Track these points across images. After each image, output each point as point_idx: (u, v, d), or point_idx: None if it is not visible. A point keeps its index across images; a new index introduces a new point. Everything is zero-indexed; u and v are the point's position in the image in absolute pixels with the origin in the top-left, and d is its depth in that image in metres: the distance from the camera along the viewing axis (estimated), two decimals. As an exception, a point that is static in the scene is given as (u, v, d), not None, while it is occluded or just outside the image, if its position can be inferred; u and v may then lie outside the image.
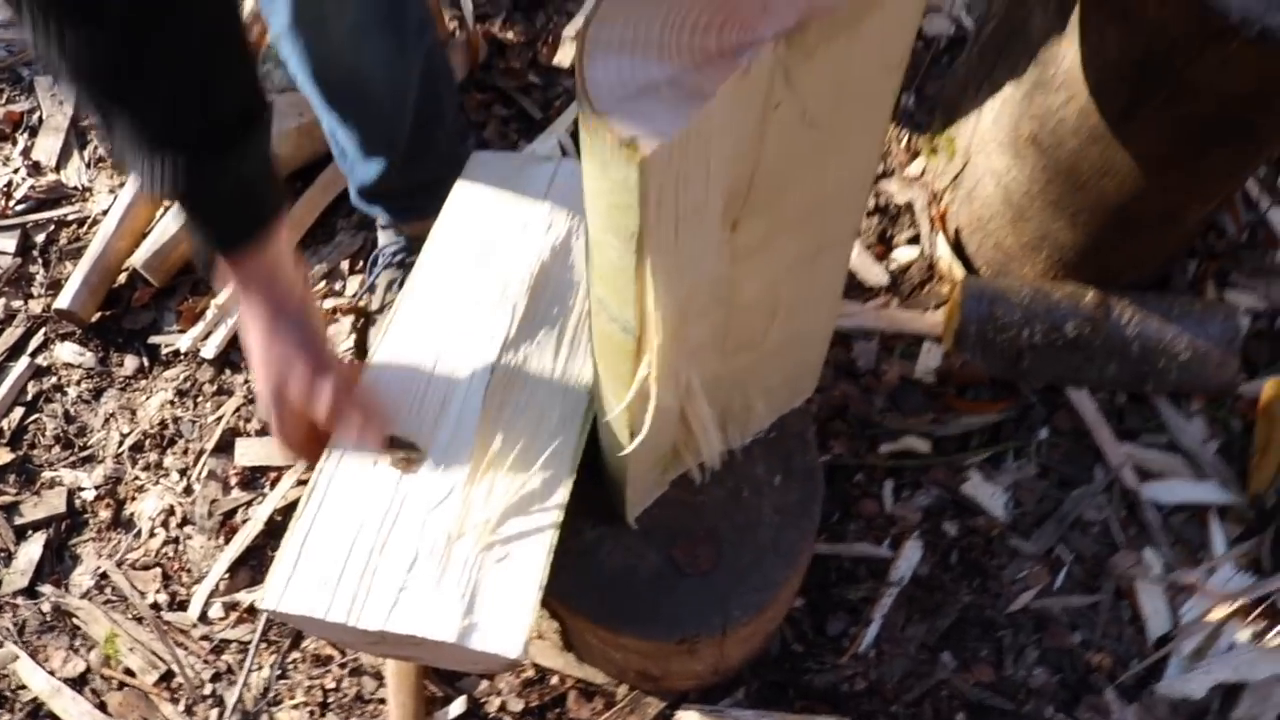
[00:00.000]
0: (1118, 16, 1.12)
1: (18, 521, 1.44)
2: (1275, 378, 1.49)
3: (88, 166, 1.74)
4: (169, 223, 1.60)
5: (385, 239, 1.53)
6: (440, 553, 0.94)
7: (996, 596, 1.39)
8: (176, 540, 1.42)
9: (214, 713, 1.32)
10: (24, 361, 1.56)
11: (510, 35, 1.85)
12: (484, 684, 1.33)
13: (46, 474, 1.48)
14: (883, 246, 1.64)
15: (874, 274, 1.61)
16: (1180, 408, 1.52)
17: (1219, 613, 1.37)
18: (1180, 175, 1.26)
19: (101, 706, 1.33)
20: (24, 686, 1.35)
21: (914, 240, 1.64)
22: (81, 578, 1.40)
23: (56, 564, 1.41)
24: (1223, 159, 1.22)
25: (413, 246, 1.50)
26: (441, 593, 0.92)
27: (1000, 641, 1.36)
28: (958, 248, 1.61)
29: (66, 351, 1.56)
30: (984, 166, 1.49)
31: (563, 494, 0.97)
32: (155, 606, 1.38)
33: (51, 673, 1.35)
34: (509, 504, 0.97)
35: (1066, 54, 1.23)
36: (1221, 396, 1.52)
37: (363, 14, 1.22)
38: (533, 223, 1.20)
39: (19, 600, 1.40)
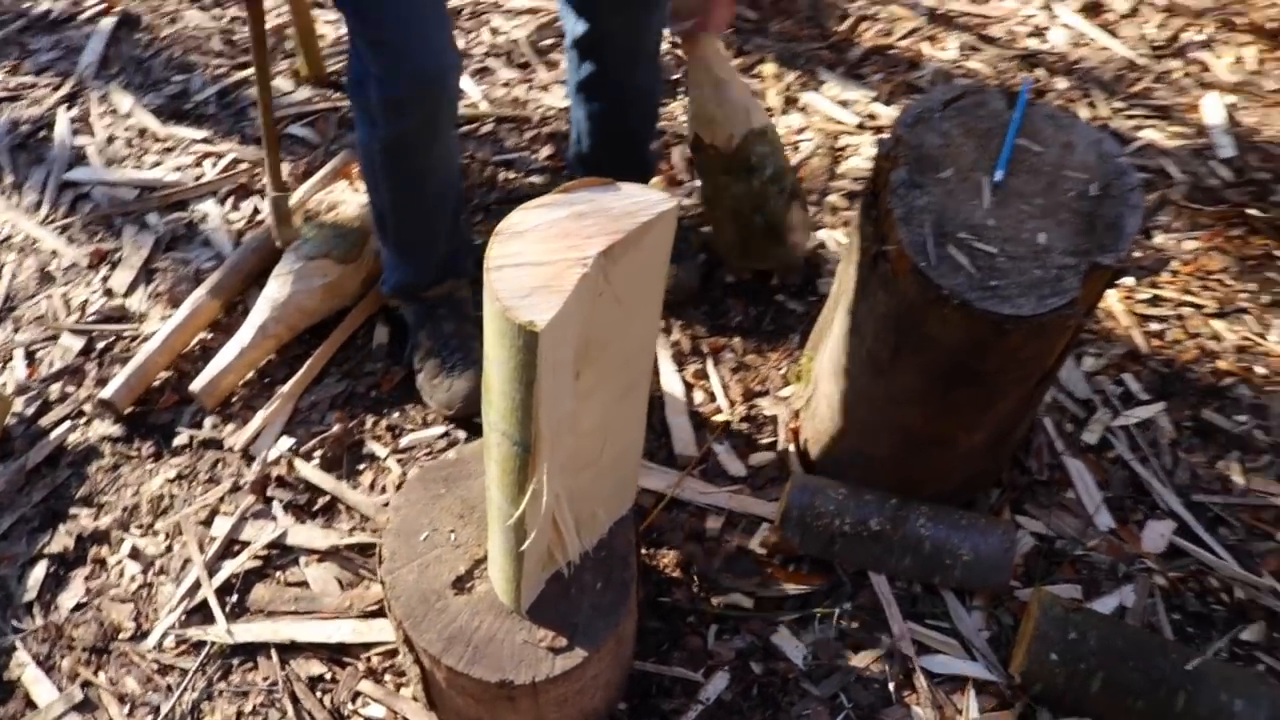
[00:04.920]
0: (884, 284, 1.59)
1: (35, 549, 1.84)
2: (1041, 586, 1.87)
3: (148, 298, 2.23)
4: (222, 357, 2.06)
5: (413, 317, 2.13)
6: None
7: (783, 726, 1.73)
8: (150, 585, 1.81)
9: (149, 717, 1.68)
10: (65, 426, 2.00)
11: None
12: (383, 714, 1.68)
13: (67, 517, 1.90)
14: (747, 448, 2.07)
15: (735, 468, 2.03)
16: (965, 602, 1.88)
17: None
18: (939, 407, 1.69)
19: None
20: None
21: (772, 446, 2.07)
22: (70, 600, 1.79)
23: (55, 587, 1.80)
24: (966, 397, 1.65)
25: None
26: None
27: (779, 762, 1.69)
28: (804, 455, 2.03)
29: (102, 429, 2.00)
30: (822, 391, 1.93)
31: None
32: (121, 631, 1.76)
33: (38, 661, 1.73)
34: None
35: (862, 308, 1.69)
36: (998, 596, 1.89)
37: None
38: None
39: (23, 612, 1.78)
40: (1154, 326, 2.36)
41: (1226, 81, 3.07)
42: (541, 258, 1.10)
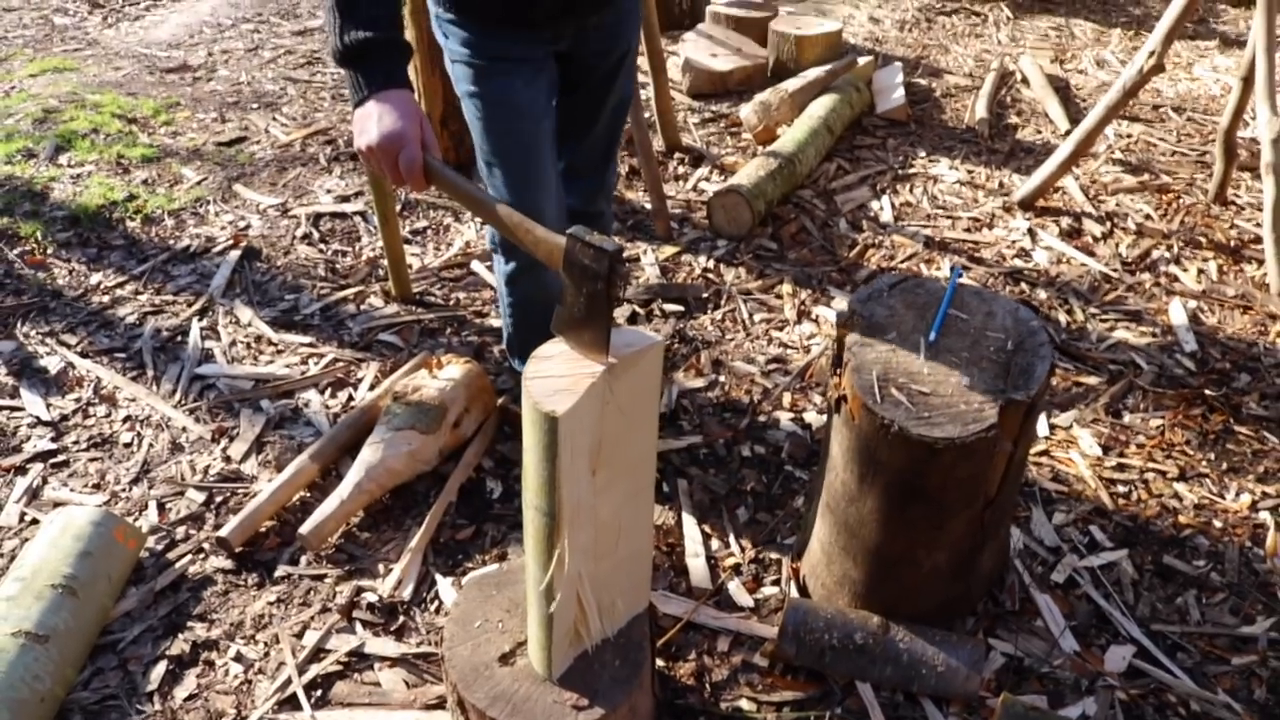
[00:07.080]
0: (845, 422, 1.99)
1: (157, 652, 2.23)
2: (1006, 695, 2.14)
3: (258, 465, 2.70)
4: (325, 508, 2.49)
5: None
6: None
7: (779, 808, 1.99)
8: (250, 682, 2.18)
9: (243, 786, 2.02)
10: (186, 559, 2.43)
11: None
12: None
13: (185, 628, 2.29)
14: (754, 584, 2.41)
15: (744, 599, 2.37)
16: (942, 710, 2.16)
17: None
18: (899, 525, 2.04)
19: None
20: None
21: (775, 583, 2.41)
22: (183, 692, 2.15)
23: (172, 682, 2.17)
24: (920, 514, 2.01)
25: None
26: None
27: (775, 838, 1.95)
28: (803, 590, 2.37)
29: (217, 563, 2.42)
30: (813, 530, 2.29)
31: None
32: (224, 716, 2.11)
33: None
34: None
35: (835, 448, 2.08)
36: (972, 704, 2.16)
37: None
38: None
39: (145, 700, 2.15)
40: (1120, 489, 2.70)
41: (1193, 290, 3.50)
42: (563, 372, 1.54)
